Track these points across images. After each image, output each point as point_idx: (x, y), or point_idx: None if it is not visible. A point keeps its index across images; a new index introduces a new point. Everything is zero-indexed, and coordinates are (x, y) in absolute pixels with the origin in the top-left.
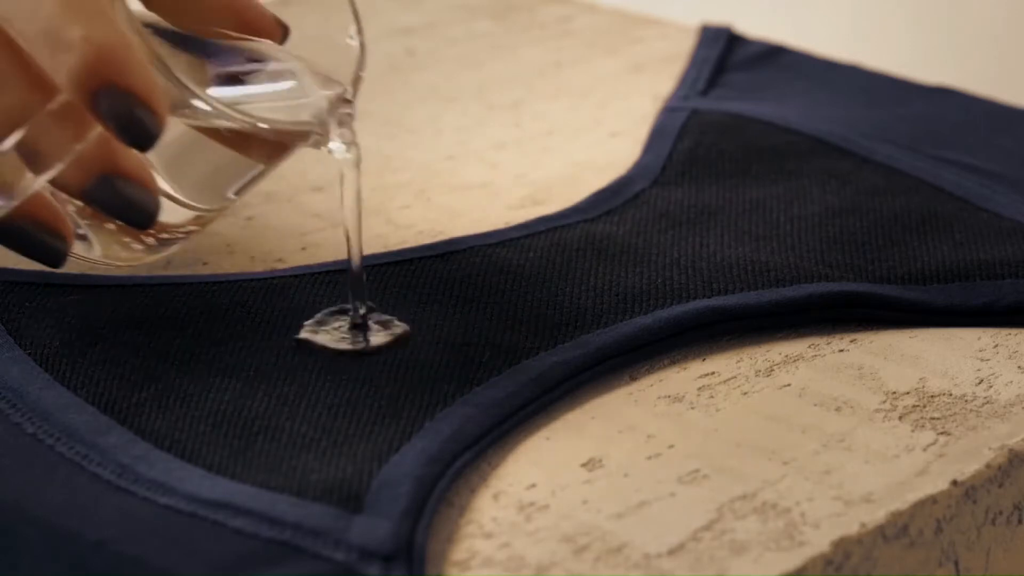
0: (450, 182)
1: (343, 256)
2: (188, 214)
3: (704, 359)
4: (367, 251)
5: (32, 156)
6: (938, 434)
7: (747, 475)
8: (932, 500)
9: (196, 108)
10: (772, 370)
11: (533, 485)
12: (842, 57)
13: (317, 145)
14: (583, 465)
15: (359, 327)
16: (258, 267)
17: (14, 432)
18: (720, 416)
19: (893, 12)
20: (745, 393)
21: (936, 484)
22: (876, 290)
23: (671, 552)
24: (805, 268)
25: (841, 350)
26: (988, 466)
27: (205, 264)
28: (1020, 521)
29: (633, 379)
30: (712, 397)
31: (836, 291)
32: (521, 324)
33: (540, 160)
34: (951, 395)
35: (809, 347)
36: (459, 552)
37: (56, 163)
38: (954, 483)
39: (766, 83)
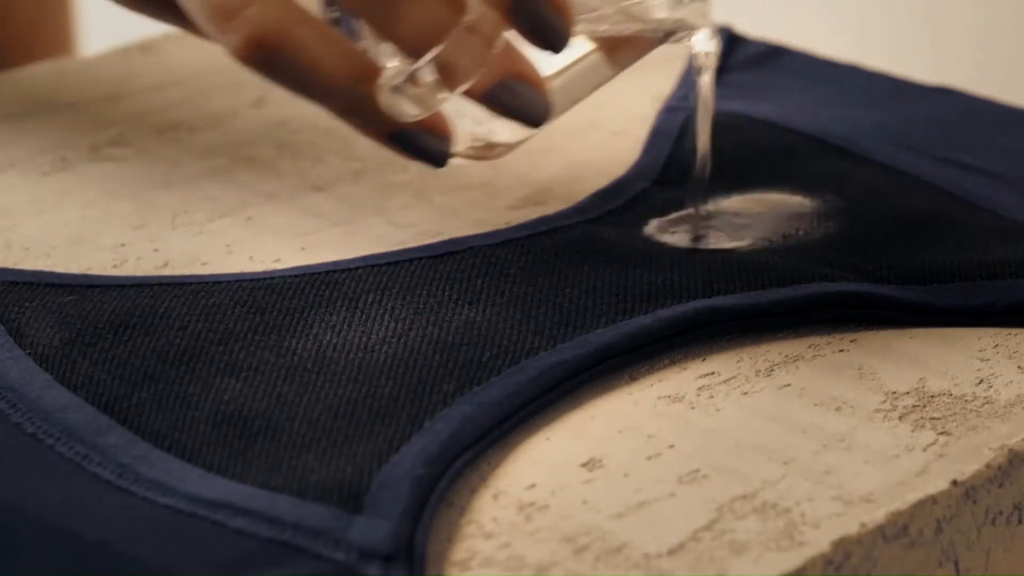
0: (450, 182)
1: (343, 256)
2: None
3: (704, 359)
4: (367, 251)
5: (447, 70)
6: (938, 434)
7: (747, 475)
8: (932, 500)
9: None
10: (772, 370)
11: (533, 485)
12: (842, 57)
13: (678, 41)
14: (583, 465)
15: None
16: (258, 267)
17: (14, 432)
18: (720, 416)
19: (893, 12)
20: (745, 393)
21: (936, 484)
22: (876, 290)
23: (671, 552)
24: (805, 268)
25: (841, 350)
26: (988, 466)
27: (205, 264)
28: (1020, 521)
29: (633, 379)
30: (712, 397)
31: (836, 291)
32: (521, 324)
33: (540, 160)
34: (951, 395)
35: (809, 347)
36: (459, 552)
37: (471, 75)
38: (954, 483)
39: (766, 83)
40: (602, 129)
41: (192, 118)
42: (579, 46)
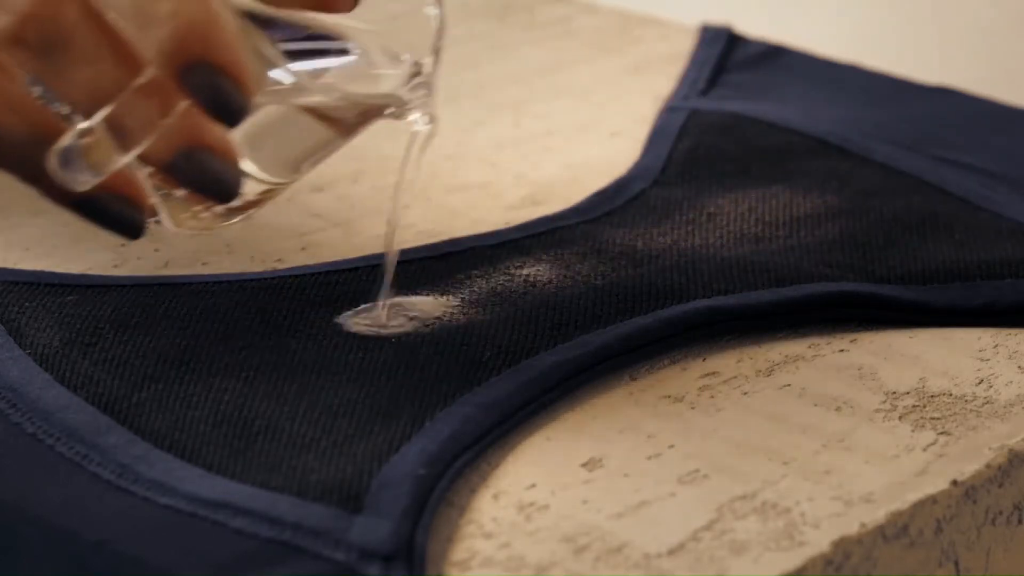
0: (450, 182)
1: (343, 256)
2: (258, 186)
3: (704, 359)
4: (368, 251)
5: (119, 132)
6: (938, 434)
7: (747, 475)
8: (932, 500)
9: (279, 84)
10: (772, 370)
11: (533, 485)
12: (842, 57)
13: (395, 117)
14: (583, 465)
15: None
16: (258, 267)
17: (14, 432)
18: (720, 416)
19: (893, 12)
20: (745, 393)
21: (936, 484)
22: (876, 290)
23: (671, 552)
24: (805, 268)
25: (841, 350)
26: (988, 466)
27: (205, 264)
28: (1020, 521)
29: (633, 379)
30: (712, 397)
31: (836, 291)
32: (521, 324)
33: (540, 160)
34: (951, 395)
35: (809, 347)
36: (459, 552)
37: (143, 139)
38: (954, 483)
39: (766, 83)
40: (602, 129)
41: None
42: (283, 115)
